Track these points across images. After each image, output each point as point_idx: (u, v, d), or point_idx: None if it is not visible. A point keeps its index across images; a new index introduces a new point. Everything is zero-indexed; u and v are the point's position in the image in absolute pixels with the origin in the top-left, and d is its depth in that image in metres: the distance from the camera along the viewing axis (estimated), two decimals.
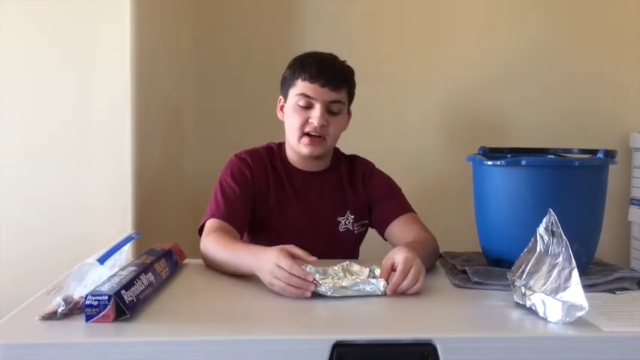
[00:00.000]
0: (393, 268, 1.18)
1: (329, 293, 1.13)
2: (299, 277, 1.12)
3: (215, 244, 1.34)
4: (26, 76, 1.59)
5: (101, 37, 1.57)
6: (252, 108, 2.02)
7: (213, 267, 1.35)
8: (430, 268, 1.38)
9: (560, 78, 2.06)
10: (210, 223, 1.42)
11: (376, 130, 2.02)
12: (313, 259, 1.17)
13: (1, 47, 1.57)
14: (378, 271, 1.20)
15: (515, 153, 1.48)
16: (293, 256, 1.16)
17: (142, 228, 1.57)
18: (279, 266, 1.13)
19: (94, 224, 1.58)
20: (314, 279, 1.13)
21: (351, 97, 1.54)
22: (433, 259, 1.40)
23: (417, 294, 1.16)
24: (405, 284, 1.15)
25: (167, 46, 1.87)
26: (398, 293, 1.15)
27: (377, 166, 1.62)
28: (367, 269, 1.22)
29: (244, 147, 1.58)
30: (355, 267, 1.23)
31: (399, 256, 1.18)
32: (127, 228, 1.57)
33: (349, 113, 1.57)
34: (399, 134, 2.06)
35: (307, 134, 1.47)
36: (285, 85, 1.52)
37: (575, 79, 2.06)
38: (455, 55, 2.05)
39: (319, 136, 1.47)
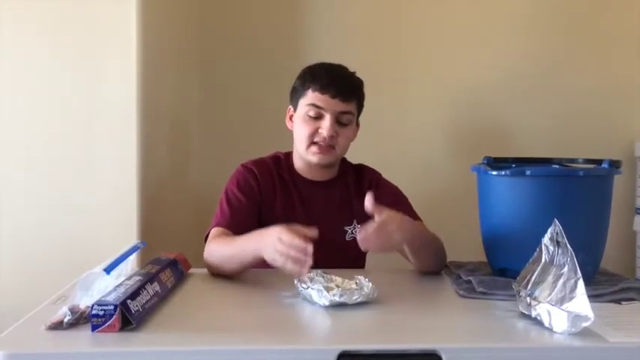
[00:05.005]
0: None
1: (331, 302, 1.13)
2: (298, 250, 1.14)
3: (216, 245, 1.37)
4: (32, 83, 1.60)
5: (108, 44, 1.59)
6: (257, 117, 2.03)
7: (219, 270, 1.36)
8: (438, 270, 1.42)
9: (564, 87, 2.06)
10: (215, 231, 1.44)
11: (382, 140, 2.03)
12: (314, 232, 1.18)
13: (9, 52, 1.59)
14: (361, 279, 1.19)
15: (520, 163, 1.48)
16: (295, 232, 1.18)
17: (147, 236, 1.57)
18: (281, 239, 1.16)
19: (99, 233, 1.59)
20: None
21: (360, 108, 1.55)
22: (440, 257, 1.43)
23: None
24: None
25: (172, 54, 1.88)
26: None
27: (383, 175, 1.63)
28: (353, 281, 1.21)
29: (250, 156, 1.59)
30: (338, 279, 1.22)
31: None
32: (132, 236, 1.58)
33: (357, 124, 1.58)
34: (405, 143, 2.06)
35: (316, 143, 1.48)
36: (296, 95, 1.53)
37: (580, 88, 2.06)
38: (459, 65, 2.05)
39: (328, 146, 1.48)
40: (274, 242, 1.18)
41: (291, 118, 1.56)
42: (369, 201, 1.24)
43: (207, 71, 2.04)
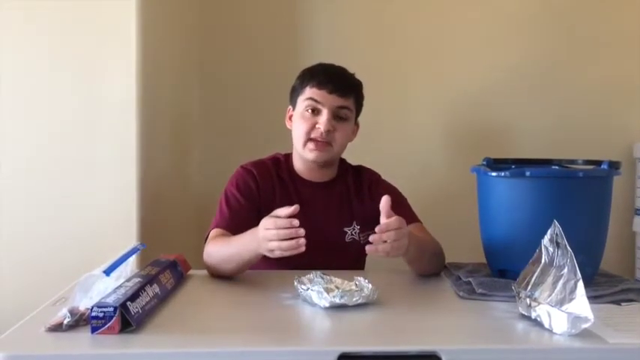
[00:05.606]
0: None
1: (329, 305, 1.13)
2: (286, 228, 1.16)
3: (215, 246, 1.38)
4: (32, 83, 1.59)
5: (108, 44, 1.59)
6: (257, 117, 2.03)
7: (218, 271, 1.37)
8: (437, 272, 1.42)
9: (564, 88, 2.06)
10: (214, 233, 1.44)
11: (381, 140, 2.02)
12: (295, 207, 1.19)
13: (10, 52, 1.58)
14: (361, 280, 1.20)
15: (520, 164, 1.48)
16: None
17: (146, 237, 1.57)
18: (267, 227, 1.19)
19: (99, 233, 1.59)
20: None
21: (358, 107, 1.56)
22: (437, 260, 1.42)
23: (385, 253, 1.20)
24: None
25: (172, 54, 1.88)
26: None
27: (382, 176, 1.63)
28: (352, 283, 1.21)
29: (250, 156, 1.59)
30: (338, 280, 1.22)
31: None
32: (132, 237, 1.58)
33: (357, 125, 1.58)
34: (404, 144, 2.06)
35: (313, 139, 1.48)
36: (295, 94, 1.54)
37: (579, 90, 2.06)
38: (459, 67, 2.05)
39: (325, 142, 1.48)
40: (263, 234, 1.20)
41: (290, 118, 1.56)
42: (385, 201, 1.23)
43: (207, 71, 2.04)
